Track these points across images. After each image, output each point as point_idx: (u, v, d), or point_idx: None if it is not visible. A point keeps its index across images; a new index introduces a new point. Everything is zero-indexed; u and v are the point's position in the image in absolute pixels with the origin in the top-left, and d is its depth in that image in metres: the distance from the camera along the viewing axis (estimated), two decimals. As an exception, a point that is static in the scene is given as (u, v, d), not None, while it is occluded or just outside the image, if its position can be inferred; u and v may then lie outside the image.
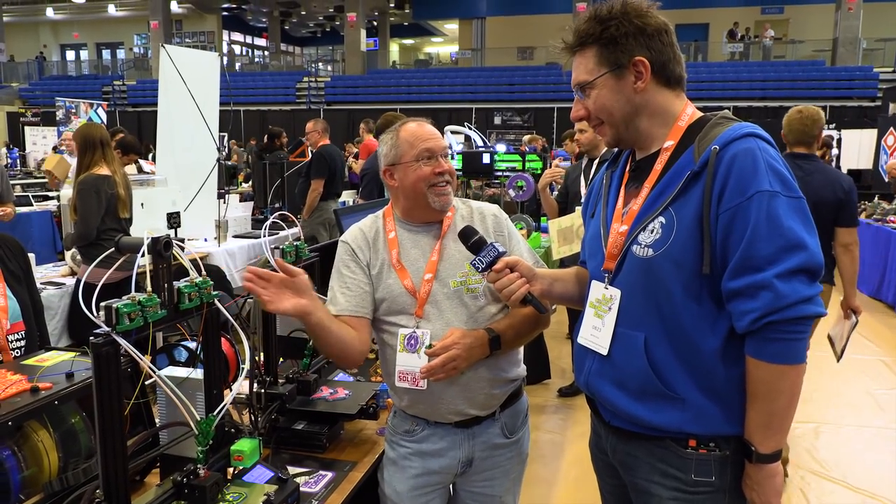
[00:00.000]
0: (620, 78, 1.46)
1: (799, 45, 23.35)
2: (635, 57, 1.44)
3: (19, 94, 27.49)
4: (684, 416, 1.42)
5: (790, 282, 1.30)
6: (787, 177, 1.35)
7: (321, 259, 2.12)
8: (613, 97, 1.48)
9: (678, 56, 1.49)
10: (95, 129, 4.24)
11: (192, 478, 1.33)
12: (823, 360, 5.66)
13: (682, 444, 1.44)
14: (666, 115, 1.49)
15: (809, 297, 1.31)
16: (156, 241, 1.27)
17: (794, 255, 1.30)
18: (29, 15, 31.56)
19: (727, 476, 1.44)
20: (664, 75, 1.47)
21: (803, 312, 1.31)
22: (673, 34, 1.49)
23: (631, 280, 1.47)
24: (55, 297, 4.19)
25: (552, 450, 4.04)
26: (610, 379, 1.51)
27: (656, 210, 1.43)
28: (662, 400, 1.43)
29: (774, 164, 1.35)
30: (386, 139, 1.86)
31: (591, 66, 1.49)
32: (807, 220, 1.35)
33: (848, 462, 3.92)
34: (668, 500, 1.48)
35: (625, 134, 1.52)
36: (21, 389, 1.42)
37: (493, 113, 21.77)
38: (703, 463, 1.43)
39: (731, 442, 1.42)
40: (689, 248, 1.38)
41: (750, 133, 1.38)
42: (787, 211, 1.32)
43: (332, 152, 6.56)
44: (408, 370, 1.76)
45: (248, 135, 18.97)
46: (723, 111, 1.50)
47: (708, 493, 1.44)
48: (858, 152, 12.81)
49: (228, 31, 32.85)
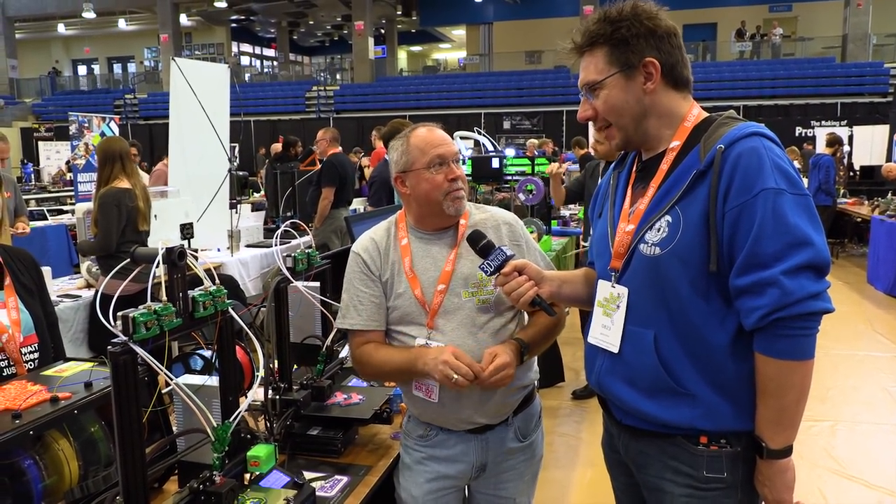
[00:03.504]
0: (630, 78, 1.48)
1: (808, 43, 23.20)
2: (646, 58, 1.46)
3: (32, 110, 27.82)
4: (695, 413, 1.43)
5: (797, 278, 1.30)
6: (793, 175, 1.36)
7: (333, 266, 2.14)
8: (623, 97, 1.49)
9: (685, 59, 1.51)
10: (116, 142, 4.30)
11: (209, 484, 1.34)
12: (839, 357, 5.64)
13: (693, 441, 1.45)
14: (673, 116, 1.51)
15: (817, 294, 1.32)
16: (170, 251, 1.30)
17: (801, 252, 1.31)
18: (41, 31, 31.92)
19: (739, 472, 1.44)
20: (672, 77, 1.49)
21: (811, 308, 1.31)
22: (680, 38, 1.51)
23: (638, 278, 1.48)
24: (71, 309, 4.24)
25: (567, 452, 4.04)
26: (621, 377, 1.52)
27: (662, 209, 1.44)
28: (673, 396, 1.44)
29: (780, 162, 1.36)
30: (396, 146, 1.86)
31: (601, 65, 1.50)
32: (813, 218, 1.35)
33: (865, 459, 3.90)
34: (680, 497, 1.48)
35: (634, 135, 1.53)
36: (41, 399, 1.44)
37: (502, 117, 21.79)
38: (715, 459, 1.44)
39: (743, 438, 1.43)
40: (695, 247, 1.39)
41: (754, 132, 1.39)
42: (792, 208, 1.32)
43: (342, 160, 6.59)
44: (423, 380, 1.77)
45: (259, 145, 19.06)
46: (728, 111, 1.51)
47: (720, 489, 1.45)
48: (871, 148, 12.71)
49: (237, 43, 33.07)
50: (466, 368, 1.64)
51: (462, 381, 1.63)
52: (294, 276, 1.90)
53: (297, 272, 1.93)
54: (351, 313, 1.83)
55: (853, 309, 7.14)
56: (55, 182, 14.22)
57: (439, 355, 1.66)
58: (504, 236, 1.87)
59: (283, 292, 1.91)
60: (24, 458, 1.39)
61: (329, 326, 2.02)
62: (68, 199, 11.40)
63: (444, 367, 1.64)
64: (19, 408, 1.39)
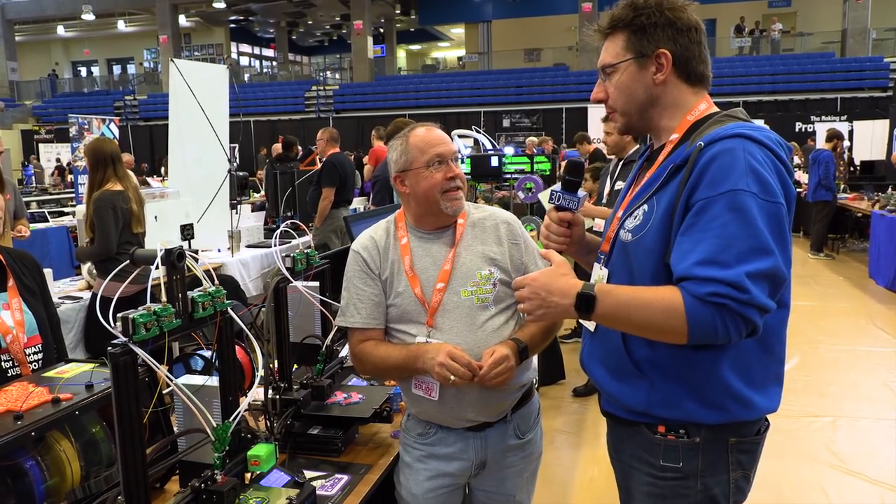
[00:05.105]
0: (642, 67, 1.48)
1: (808, 38, 23.18)
2: (659, 49, 1.46)
3: (33, 112, 27.86)
4: (652, 398, 1.45)
5: (758, 284, 1.28)
6: (769, 181, 1.33)
7: (332, 266, 2.15)
8: (632, 84, 1.50)
9: (704, 56, 1.51)
10: (107, 144, 4.23)
11: (210, 483, 1.35)
12: (840, 353, 5.64)
13: (652, 431, 1.47)
14: (679, 108, 1.51)
15: (765, 309, 1.30)
16: (169, 252, 1.30)
17: (765, 259, 1.28)
18: (41, 34, 31.95)
19: (696, 463, 1.44)
20: (686, 71, 1.49)
21: (754, 319, 1.29)
22: (703, 34, 1.50)
23: (616, 262, 1.53)
24: (72, 310, 4.25)
25: (568, 449, 4.04)
26: (597, 357, 1.57)
27: (643, 198, 1.47)
28: (633, 379, 1.47)
29: (757, 166, 1.33)
30: (395, 145, 1.87)
31: (618, 49, 1.51)
32: (780, 229, 1.32)
33: (866, 455, 3.90)
34: (642, 486, 1.51)
35: (636, 122, 1.55)
36: (43, 401, 1.45)
37: (501, 116, 21.81)
38: (671, 449, 1.45)
39: (703, 429, 1.43)
40: (658, 237, 1.40)
41: (739, 133, 1.36)
42: (760, 213, 1.30)
43: (341, 160, 6.60)
44: (423, 378, 1.78)
45: (259, 145, 19.09)
46: (735, 108, 1.51)
47: (676, 479, 1.46)
48: (871, 143, 12.72)
49: (237, 43, 33.08)
50: (464, 369, 1.65)
51: (459, 381, 1.65)
52: (293, 275, 1.91)
53: (297, 272, 1.94)
54: (351, 311, 1.84)
55: (854, 304, 7.13)
56: (56, 184, 14.26)
57: (436, 355, 1.67)
58: (503, 235, 1.88)
59: (282, 292, 1.92)
60: (26, 458, 1.40)
61: (329, 326, 2.02)
62: (69, 200, 11.42)
63: (440, 369, 1.66)
64: (21, 409, 1.40)
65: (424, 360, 1.70)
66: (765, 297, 1.29)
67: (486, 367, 1.67)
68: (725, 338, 1.30)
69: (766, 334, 1.39)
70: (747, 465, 1.48)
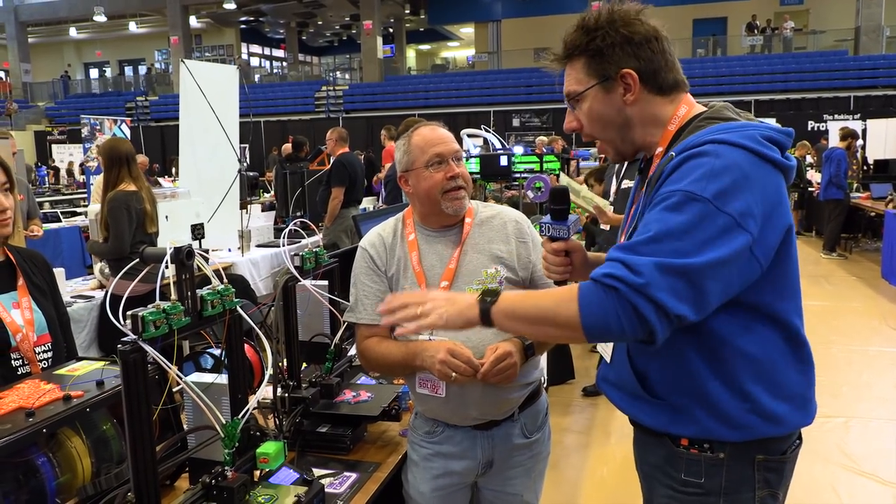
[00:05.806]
0: (609, 90, 1.41)
1: (820, 36, 22.99)
2: (622, 69, 1.38)
3: (45, 113, 28.09)
4: (672, 419, 1.39)
5: (663, 275, 1.18)
6: (728, 189, 1.22)
7: (340, 265, 2.16)
8: (603, 109, 1.43)
9: (670, 62, 1.42)
10: (121, 143, 4.26)
11: (221, 479, 1.36)
12: (853, 353, 5.60)
13: (675, 443, 1.41)
14: (658, 122, 1.44)
15: (663, 307, 1.18)
16: (178, 250, 1.31)
17: (683, 258, 1.19)
18: (53, 35, 32.23)
19: (719, 480, 1.38)
20: (655, 84, 1.41)
21: (643, 310, 1.18)
22: (665, 40, 1.41)
23: None
24: (84, 309, 4.29)
25: (577, 449, 4.03)
26: (611, 383, 1.53)
27: (637, 218, 1.42)
28: (650, 403, 1.42)
29: (721, 171, 1.23)
30: (399, 145, 1.89)
31: (581, 76, 1.44)
32: (720, 242, 1.20)
33: (879, 456, 3.87)
34: (661, 496, 1.47)
35: (623, 147, 1.48)
36: (54, 398, 1.46)
37: (511, 115, 21.78)
38: (694, 463, 1.39)
39: (727, 447, 1.37)
40: None
41: (711, 140, 1.28)
42: (702, 218, 1.21)
43: (351, 160, 6.62)
44: (427, 376, 1.78)
45: (269, 145, 19.17)
46: (719, 103, 1.44)
47: (697, 495, 1.40)
48: (885, 142, 12.58)
49: (247, 44, 33.22)
50: (465, 366, 1.65)
51: (461, 378, 1.65)
52: (302, 274, 1.92)
53: (305, 271, 1.95)
54: (358, 307, 1.86)
55: (867, 304, 7.07)
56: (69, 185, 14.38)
57: (436, 353, 1.67)
58: (510, 233, 1.88)
59: (291, 291, 1.93)
60: (37, 455, 1.41)
61: (337, 324, 2.03)
62: (81, 200, 11.52)
63: (441, 366, 1.65)
64: (33, 406, 1.41)
65: (423, 357, 1.70)
66: (668, 293, 1.18)
67: (488, 364, 1.66)
68: (620, 331, 1.20)
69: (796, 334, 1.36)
70: (775, 483, 1.40)
